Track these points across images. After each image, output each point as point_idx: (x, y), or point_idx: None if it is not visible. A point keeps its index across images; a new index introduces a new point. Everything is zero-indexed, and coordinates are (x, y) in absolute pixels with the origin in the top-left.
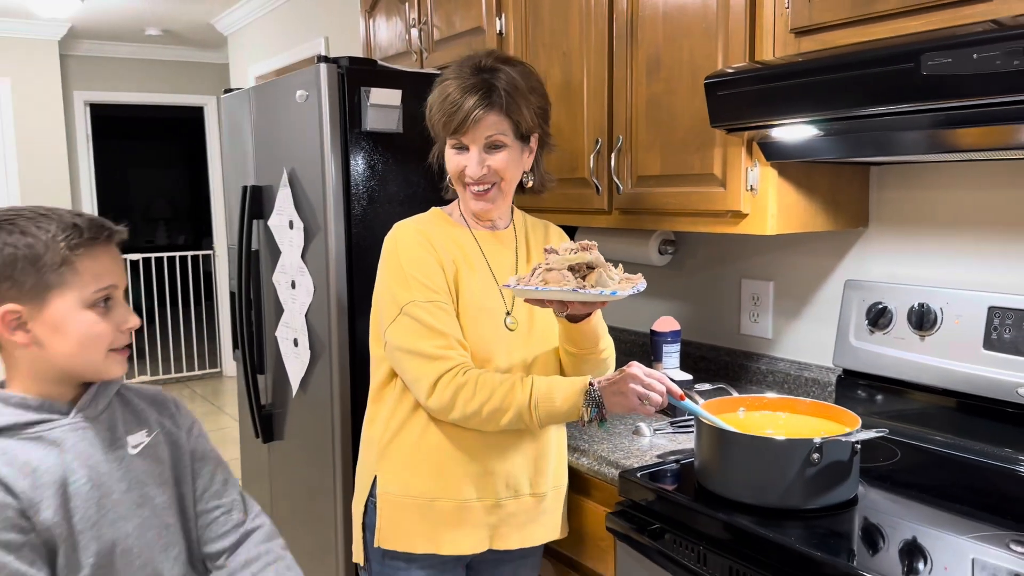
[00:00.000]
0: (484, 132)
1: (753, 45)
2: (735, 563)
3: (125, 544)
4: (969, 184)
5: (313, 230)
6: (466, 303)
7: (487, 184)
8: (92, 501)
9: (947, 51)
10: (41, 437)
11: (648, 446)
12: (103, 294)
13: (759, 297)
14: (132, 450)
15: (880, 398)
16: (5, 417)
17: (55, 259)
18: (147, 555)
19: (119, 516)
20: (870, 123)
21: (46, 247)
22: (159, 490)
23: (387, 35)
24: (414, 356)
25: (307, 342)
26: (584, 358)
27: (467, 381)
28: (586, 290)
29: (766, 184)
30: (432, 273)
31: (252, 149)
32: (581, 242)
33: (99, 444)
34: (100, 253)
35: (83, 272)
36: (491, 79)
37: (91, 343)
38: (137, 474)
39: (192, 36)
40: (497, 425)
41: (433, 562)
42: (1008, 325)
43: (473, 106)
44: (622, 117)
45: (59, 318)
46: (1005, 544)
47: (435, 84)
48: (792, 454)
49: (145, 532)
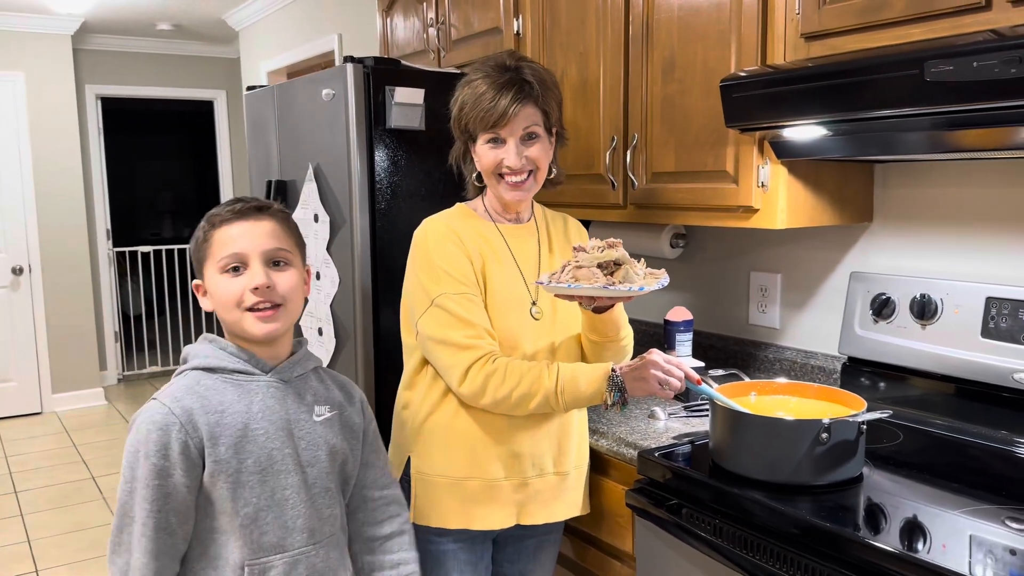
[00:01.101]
0: (521, 124)
1: (765, 49)
2: (749, 534)
3: (284, 495)
4: (968, 182)
5: (338, 223)
6: (494, 294)
7: (524, 174)
8: (265, 451)
9: (949, 59)
10: (241, 384)
11: (664, 429)
12: (229, 261)
13: (767, 289)
14: (316, 417)
15: (883, 384)
16: (219, 359)
17: (202, 238)
18: (303, 509)
19: (286, 469)
20: (876, 124)
21: (200, 231)
22: (328, 457)
23: (404, 34)
24: (446, 346)
25: (332, 331)
26: (606, 346)
27: (497, 368)
28: (616, 286)
29: (776, 181)
30: (461, 266)
31: (276, 145)
32: (608, 240)
33: (287, 404)
34: (232, 227)
35: (215, 244)
36: (520, 75)
37: (225, 301)
38: (314, 438)
39: (203, 31)
40: (526, 409)
41: (464, 536)
42: (1005, 314)
43: (512, 100)
44: (637, 116)
45: (209, 284)
46: (1001, 521)
47: (460, 86)
48: (802, 434)
49: (309, 489)
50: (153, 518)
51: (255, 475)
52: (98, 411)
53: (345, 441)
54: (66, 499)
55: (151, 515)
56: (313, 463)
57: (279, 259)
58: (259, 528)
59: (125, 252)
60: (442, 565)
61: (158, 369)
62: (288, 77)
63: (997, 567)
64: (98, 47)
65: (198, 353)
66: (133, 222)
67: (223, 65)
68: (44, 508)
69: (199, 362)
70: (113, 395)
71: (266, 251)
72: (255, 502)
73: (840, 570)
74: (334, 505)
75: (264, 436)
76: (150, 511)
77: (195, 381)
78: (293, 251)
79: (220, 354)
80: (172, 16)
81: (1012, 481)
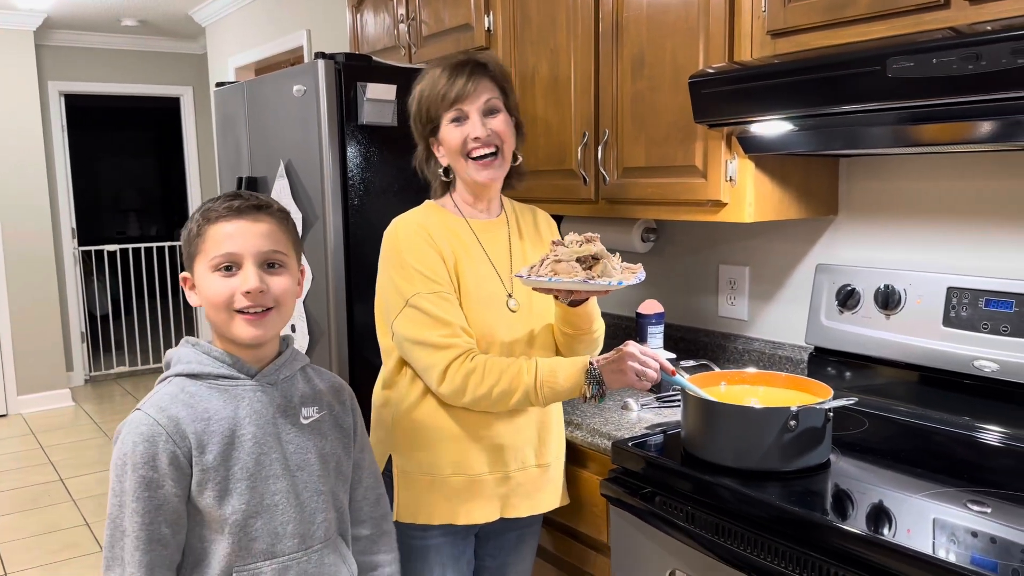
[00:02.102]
0: (482, 96)
1: (732, 46)
2: (721, 520)
3: (274, 500)
4: (930, 175)
5: (311, 219)
6: (468, 290)
7: (492, 147)
8: (253, 456)
9: (910, 56)
10: (227, 390)
11: (636, 419)
12: (221, 260)
13: (736, 281)
14: (304, 420)
15: (849, 373)
16: (203, 365)
17: (195, 233)
18: (294, 514)
19: (274, 474)
20: (840, 119)
21: (192, 223)
22: (318, 460)
23: (375, 30)
24: (423, 346)
25: (305, 328)
26: (579, 338)
27: (476, 367)
28: (595, 281)
29: (744, 175)
30: (434, 264)
31: (247, 141)
32: (586, 234)
33: (274, 408)
34: (227, 225)
35: (208, 240)
36: (473, 58)
37: (215, 301)
38: (302, 441)
39: (169, 27)
40: (506, 406)
41: (448, 531)
42: (965, 304)
43: (468, 76)
44: (608, 112)
45: (199, 281)
46: (963, 504)
47: (417, 80)
48: (771, 421)
49: (298, 494)
50: (145, 531)
51: (243, 481)
52: (65, 412)
53: (337, 442)
54: (35, 502)
55: (143, 528)
56: (302, 467)
57: (274, 261)
58: (248, 535)
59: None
60: (425, 560)
61: (126, 370)
62: (256, 73)
63: (959, 548)
64: (61, 43)
65: (181, 358)
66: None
67: (190, 61)
68: (12, 511)
69: (183, 368)
70: (80, 396)
71: (261, 253)
72: (244, 509)
73: (809, 553)
74: (327, 509)
75: (252, 442)
76: (142, 524)
77: (179, 388)
78: (289, 253)
79: (204, 359)
80: (137, 12)
81: (973, 465)
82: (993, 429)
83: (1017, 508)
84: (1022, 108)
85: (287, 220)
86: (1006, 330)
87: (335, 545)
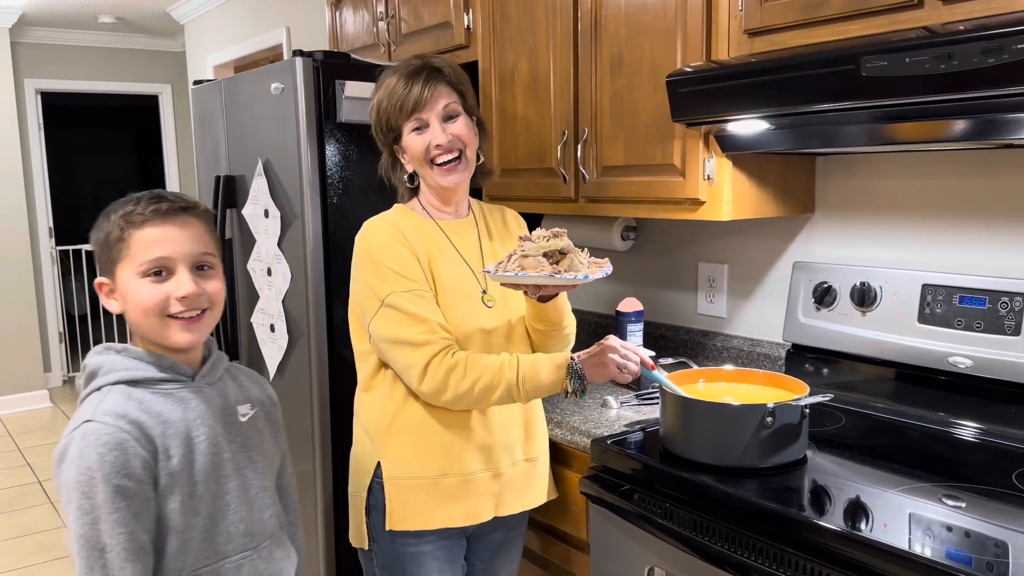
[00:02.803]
0: (440, 103)
1: (710, 45)
2: (698, 517)
3: (226, 499)
4: (905, 173)
5: (289, 218)
6: (444, 288)
7: (455, 152)
8: (209, 457)
9: (884, 55)
10: (171, 394)
11: (616, 417)
12: (153, 265)
13: (714, 279)
14: (242, 418)
15: (826, 370)
16: (142, 370)
17: (115, 236)
18: (245, 513)
19: (226, 474)
20: (816, 118)
21: (112, 226)
22: (260, 456)
23: (354, 28)
24: (401, 345)
25: (284, 327)
26: (550, 334)
27: (457, 363)
28: (561, 275)
29: (722, 174)
30: (407, 263)
31: (225, 139)
32: (552, 230)
33: (216, 408)
34: (155, 228)
35: (134, 245)
36: (428, 63)
37: (146, 309)
38: (244, 439)
39: (147, 24)
40: (488, 402)
41: (442, 535)
42: (940, 300)
43: (424, 83)
44: (587, 111)
45: (123, 287)
46: (938, 498)
47: (374, 91)
48: (748, 418)
49: (246, 491)
50: (130, 542)
51: (202, 484)
52: (43, 414)
53: (270, 436)
54: (11, 504)
55: (128, 539)
56: (247, 465)
57: (204, 263)
58: (205, 537)
59: (68, 250)
60: (422, 565)
61: None
62: (235, 71)
63: (935, 543)
64: (38, 40)
65: (114, 366)
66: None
67: (168, 59)
68: None
69: (120, 375)
70: (58, 397)
71: (192, 256)
72: (202, 511)
73: (786, 549)
74: (273, 504)
75: (206, 443)
76: (125, 535)
77: (126, 395)
78: (216, 253)
79: (140, 364)
80: (114, 8)
81: (949, 460)
82: (967, 424)
83: (991, 503)
84: (993, 107)
85: (211, 220)
86: (980, 326)
87: (280, 539)
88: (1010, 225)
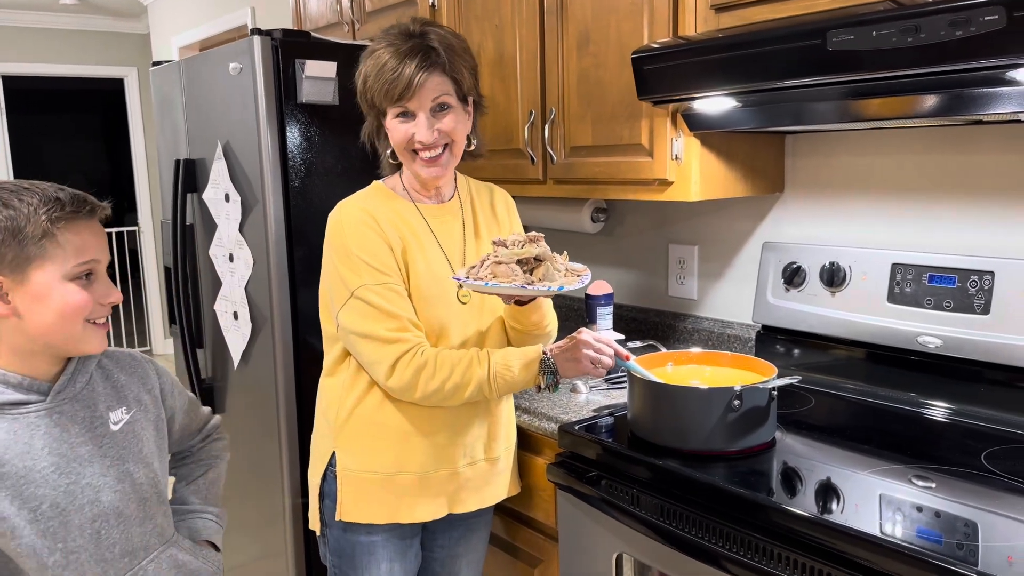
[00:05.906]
0: (430, 95)
1: (676, 21)
2: (666, 503)
3: (95, 527)
4: (874, 151)
5: (251, 203)
6: (418, 279)
7: (439, 148)
8: (60, 489)
9: (849, 28)
10: (16, 419)
11: (585, 402)
12: (85, 268)
13: (685, 261)
14: (114, 427)
15: (796, 351)
16: None
17: (36, 232)
18: (125, 528)
19: (90, 500)
20: (784, 95)
21: (27, 220)
22: (138, 466)
23: (317, 6)
24: (369, 340)
25: (247, 314)
26: (529, 333)
27: (427, 361)
28: (534, 286)
29: (690, 153)
30: (381, 254)
31: (184, 122)
32: (529, 234)
33: (78, 425)
34: (82, 227)
35: (65, 245)
36: (425, 41)
37: (71, 314)
38: (118, 451)
39: (110, 5)
40: (459, 400)
41: (393, 527)
42: (909, 280)
43: (416, 70)
44: (554, 90)
45: (41, 289)
46: (908, 479)
47: (364, 57)
48: (715, 401)
49: (125, 507)
50: None
51: (54, 519)
52: None
53: (152, 437)
54: None
55: None
56: (123, 479)
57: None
58: (74, 570)
59: None
60: (372, 555)
61: None
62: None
63: (905, 523)
64: None
65: None
66: None
67: (133, 41)
68: None
69: None
70: None
71: (107, 257)
72: (61, 547)
73: (752, 534)
74: (156, 514)
75: (56, 473)
76: None
77: None
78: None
79: None
80: None
81: (919, 441)
82: (937, 404)
83: (960, 483)
84: (961, 81)
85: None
86: (949, 305)
87: (178, 542)
88: (979, 203)
